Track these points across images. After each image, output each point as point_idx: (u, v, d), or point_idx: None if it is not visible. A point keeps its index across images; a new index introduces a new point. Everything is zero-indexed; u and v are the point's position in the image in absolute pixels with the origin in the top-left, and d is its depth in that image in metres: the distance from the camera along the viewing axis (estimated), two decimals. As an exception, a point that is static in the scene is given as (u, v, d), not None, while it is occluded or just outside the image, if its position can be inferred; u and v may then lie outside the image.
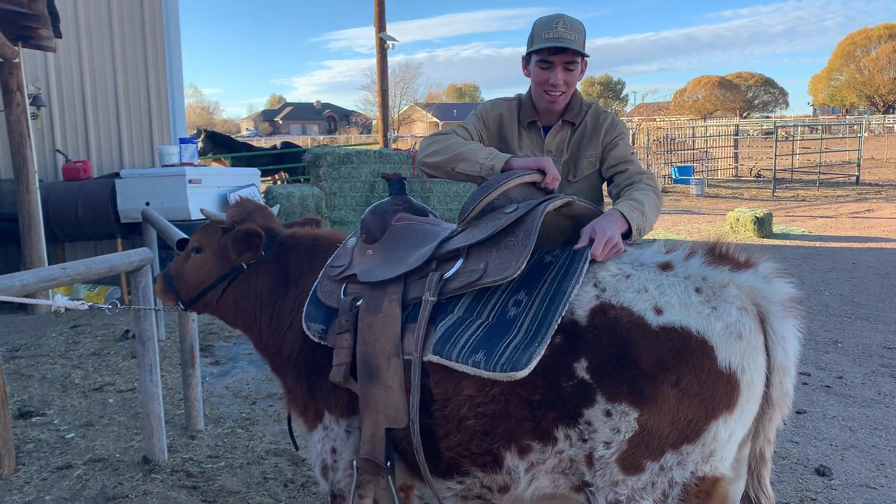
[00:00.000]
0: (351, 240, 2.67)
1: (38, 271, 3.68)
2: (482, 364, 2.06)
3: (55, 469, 4.12)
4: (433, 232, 2.53)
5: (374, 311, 2.34)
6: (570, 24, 2.72)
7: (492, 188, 2.33)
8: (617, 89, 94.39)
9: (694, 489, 1.95)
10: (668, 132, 26.34)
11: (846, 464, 4.27)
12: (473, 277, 2.18)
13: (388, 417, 2.31)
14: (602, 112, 2.94)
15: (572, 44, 2.70)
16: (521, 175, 2.39)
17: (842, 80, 62.02)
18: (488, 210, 2.33)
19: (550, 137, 2.91)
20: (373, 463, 2.37)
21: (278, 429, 4.76)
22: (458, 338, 2.14)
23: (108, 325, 7.54)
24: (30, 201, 7.89)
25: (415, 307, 2.28)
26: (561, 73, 2.75)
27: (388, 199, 2.77)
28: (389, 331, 2.29)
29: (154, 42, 9.99)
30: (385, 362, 2.29)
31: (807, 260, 10.94)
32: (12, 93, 7.67)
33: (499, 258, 2.17)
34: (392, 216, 2.65)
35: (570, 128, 2.91)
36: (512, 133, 2.95)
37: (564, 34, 2.70)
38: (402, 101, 61.23)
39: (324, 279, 2.58)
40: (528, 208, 2.24)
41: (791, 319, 1.98)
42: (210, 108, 78.38)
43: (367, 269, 2.48)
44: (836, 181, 23.73)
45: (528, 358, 2.00)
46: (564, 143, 2.90)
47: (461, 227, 2.36)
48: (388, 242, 2.56)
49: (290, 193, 10.81)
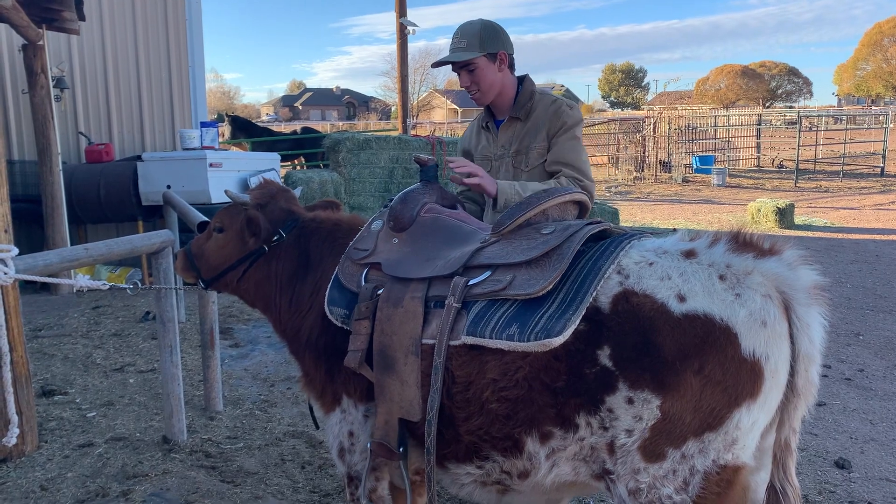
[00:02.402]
0: (376, 223, 2.63)
1: (60, 251, 3.72)
2: (516, 336, 2.04)
3: (77, 447, 4.17)
4: (462, 231, 2.50)
5: (395, 304, 2.32)
6: (462, 32, 3.14)
7: (531, 206, 2.30)
8: (638, 77, 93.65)
9: (715, 477, 1.93)
10: (690, 121, 26.07)
11: (866, 457, 4.23)
12: (498, 287, 2.15)
13: (401, 409, 2.31)
14: (552, 101, 3.19)
15: (457, 56, 3.11)
16: (562, 194, 2.37)
17: (868, 70, 61.05)
18: (524, 225, 2.31)
19: (501, 133, 3.26)
20: (386, 448, 2.37)
21: (296, 411, 4.79)
22: (492, 316, 2.13)
23: (129, 306, 7.62)
24: (53, 183, 7.97)
25: (437, 304, 2.27)
26: (466, 77, 3.17)
27: (418, 186, 2.73)
28: (408, 328, 2.27)
29: (176, 26, 10.01)
30: (402, 357, 2.28)
31: (829, 252, 10.82)
32: (36, 75, 7.73)
33: (527, 273, 2.14)
34: (421, 207, 2.62)
35: (518, 122, 3.22)
36: (472, 141, 3.41)
37: (456, 44, 3.14)
38: (421, 87, 61.06)
39: (346, 261, 2.55)
40: (564, 237, 2.17)
41: (816, 307, 1.95)
42: (231, 93, 78.77)
43: (392, 259, 2.46)
44: (860, 172, 23.41)
45: (564, 325, 1.98)
46: (513, 137, 3.22)
47: (494, 237, 2.33)
48: (415, 234, 2.53)
49: (310, 179, 10.82)
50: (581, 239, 2.16)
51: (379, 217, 2.65)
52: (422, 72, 56.10)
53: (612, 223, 5.56)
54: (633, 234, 2.22)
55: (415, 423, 2.32)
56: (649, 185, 21.66)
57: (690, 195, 19.19)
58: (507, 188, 2.94)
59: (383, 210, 2.68)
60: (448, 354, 2.20)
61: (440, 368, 2.19)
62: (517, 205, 2.35)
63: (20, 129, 9.12)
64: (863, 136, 28.64)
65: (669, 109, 28.96)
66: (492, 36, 3.15)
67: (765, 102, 63.46)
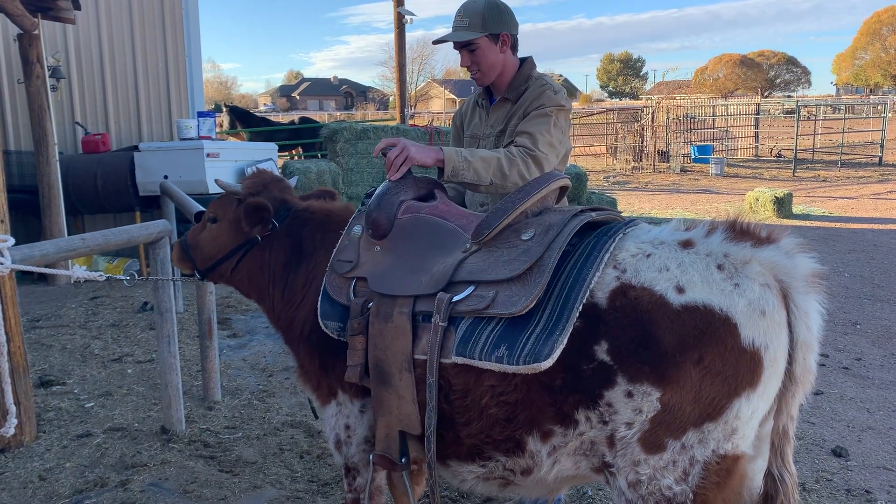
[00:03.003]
0: (355, 228, 2.56)
1: (57, 241, 3.70)
2: (505, 359, 2.02)
3: (75, 437, 4.18)
4: (443, 231, 2.44)
5: (385, 319, 2.29)
6: (465, 10, 3.08)
7: (507, 212, 2.26)
8: (637, 67, 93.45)
9: (715, 467, 1.93)
10: (688, 111, 26.01)
11: (863, 445, 4.25)
12: (481, 305, 2.12)
13: (401, 422, 2.30)
14: (541, 85, 3.11)
15: (459, 35, 3.05)
16: (539, 189, 2.33)
17: (867, 59, 60.94)
18: (504, 228, 2.27)
19: (492, 113, 3.24)
20: (388, 459, 2.36)
21: (294, 401, 4.80)
22: (479, 335, 2.11)
23: (126, 296, 7.61)
24: (50, 173, 7.94)
25: (424, 318, 2.24)
26: (466, 57, 3.13)
27: (392, 184, 2.61)
28: (399, 344, 2.25)
29: (172, 15, 9.95)
30: (397, 372, 2.26)
31: (827, 241, 10.82)
32: (32, 65, 7.69)
33: (509, 290, 2.11)
34: (398, 207, 2.54)
35: (509, 104, 3.18)
36: (466, 116, 3.40)
37: (459, 23, 3.08)
38: (419, 77, 60.95)
39: (332, 273, 2.51)
40: (545, 245, 2.13)
41: (814, 295, 1.94)
42: (228, 83, 78.43)
43: (377, 273, 2.41)
44: (858, 162, 23.38)
45: (551, 349, 1.97)
46: (501, 117, 3.20)
47: (476, 245, 2.29)
48: (395, 240, 2.48)
49: (307, 169, 10.79)
50: (562, 245, 2.12)
51: (358, 220, 2.58)
52: (420, 61, 56.05)
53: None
54: (618, 225, 2.19)
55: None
56: (647, 175, 21.63)
57: (689, 185, 19.17)
58: (455, 156, 2.69)
59: (362, 210, 2.61)
60: (442, 367, 2.18)
61: (434, 387, 2.17)
62: (496, 210, 2.29)
63: (16, 120, 9.09)
64: (861, 126, 28.60)
65: (668, 99, 28.91)
66: (495, 15, 3.06)
67: (763, 92, 63.37)
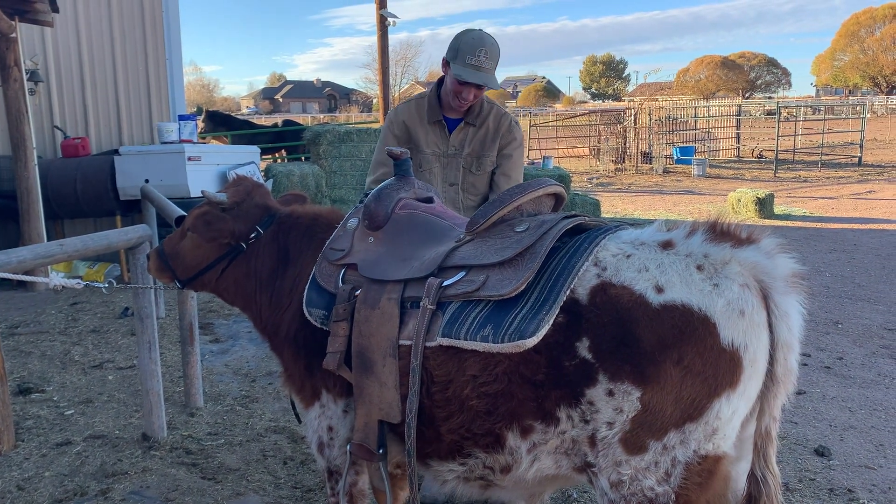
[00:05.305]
0: (351, 220, 2.60)
1: (35, 248, 3.66)
2: (490, 337, 2.04)
3: (54, 445, 4.12)
4: (437, 227, 2.49)
5: (372, 306, 2.31)
6: (490, 52, 3.27)
7: (504, 203, 2.29)
8: (619, 69, 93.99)
9: (696, 468, 1.93)
10: (670, 112, 26.15)
11: (845, 444, 4.27)
12: (471, 288, 2.15)
13: (381, 411, 2.30)
14: (502, 115, 3.56)
15: (488, 79, 3.27)
16: (535, 189, 2.35)
17: (845, 61, 61.60)
18: (498, 222, 2.30)
19: (454, 136, 3.52)
20: (365, 449, 2.36)
21: (278, 406, 4.76)
22: (466, 317, 2.12)
23: (107, 302, 7.54)
24: (28, 178, 7.84)
25: (413, 304, 2.26)
26: (473, 92, 3.35)
27: (392, 182, 2.69)
28: (386, 329, 2.26)
29: (153, 17, 9.88)
30: (380, 359, 2.27)
31: (808, 241, 10.91)
32: (9, 68, 7.59)
33: (500, 274, 2.13)
34: (396, 203, 2.59)
35: (471, 128, 3.52)
36: (419, 132, 3.53)
37: (484, 64, 3.26)
38: (403, 79, 61.05)
39: (322, 261, 2.53)
40: (537, 236, 2.16)
41: (794, 295, 1.95)
42: (210, 86, 78.13)
43: (368, 259, 2.44)
44: (838, 162, 23.61)
45: (537, 326, 1.98)
46: (466, 140, 3.52)
47: (469, 235, 2.32)
48: (390, 232, 2.51)
49: (290, 171, 10.75)
50: (555, 236, 2.14)
51: (355, 214, 2.62)
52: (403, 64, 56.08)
53: (594, 215, 5.56)
54: (609, 227, 2.21)
55: (395, 424, 2.31)
56: (630, 177, 21.72)
57: (671, 186, 19.27)
58: None
59: (359, 206, 2.65)
60: (426, 355, 2.19)
61: (417, 370, 2.18)
62: (491, 202, 2.33)
63: (-6, 124, 8.97)
64: (840, 126, 28.90)
65: (650, 101, 29.01)
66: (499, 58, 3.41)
67: (744, 93, 63.91)
